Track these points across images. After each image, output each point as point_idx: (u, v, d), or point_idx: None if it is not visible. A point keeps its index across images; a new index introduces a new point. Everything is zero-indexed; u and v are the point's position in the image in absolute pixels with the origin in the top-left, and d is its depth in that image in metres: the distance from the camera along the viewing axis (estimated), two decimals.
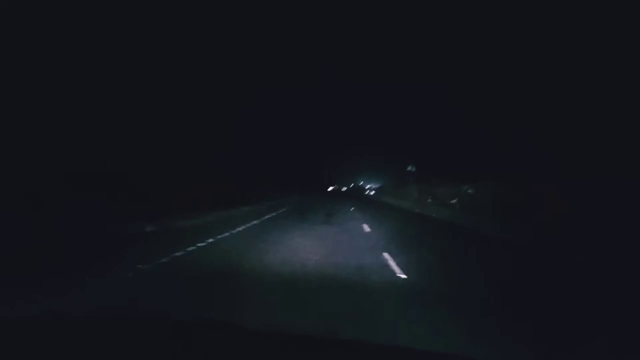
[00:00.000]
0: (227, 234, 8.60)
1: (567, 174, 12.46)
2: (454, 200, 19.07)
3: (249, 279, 4.59)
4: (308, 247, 6.87)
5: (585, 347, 2.84)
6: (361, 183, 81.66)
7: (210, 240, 7.56)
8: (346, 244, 7.51)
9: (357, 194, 59.81)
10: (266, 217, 13.74)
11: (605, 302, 4.10)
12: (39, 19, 10.53)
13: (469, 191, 18.13)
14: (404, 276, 4.84)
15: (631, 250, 6.25)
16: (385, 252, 6.56)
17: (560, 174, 12.99)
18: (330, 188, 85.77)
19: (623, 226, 7.71)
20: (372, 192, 61.68)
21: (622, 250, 6.44)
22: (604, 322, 3.45)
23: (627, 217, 8.09)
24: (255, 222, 11.67)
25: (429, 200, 22.53)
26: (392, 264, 5.57)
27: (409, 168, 30.03)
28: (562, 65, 15.26)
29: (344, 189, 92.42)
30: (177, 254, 5.95)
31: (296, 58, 58.31)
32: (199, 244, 6.89)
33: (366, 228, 10.69)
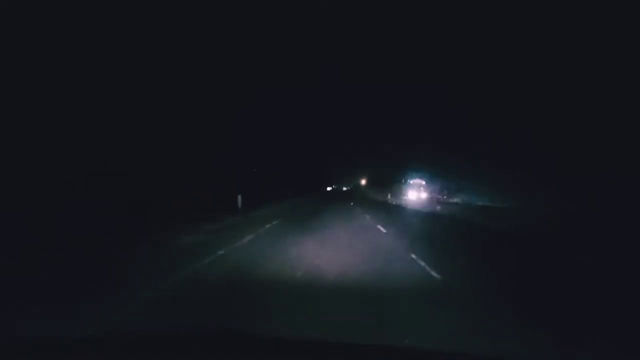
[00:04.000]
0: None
1: (567, 174, 12.47)
2: None
3: None
4: None
5: (584, 346, 2.84)
6: (363, 182, 73.89)
7: None
8: None
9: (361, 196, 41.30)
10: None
11: (600, 300, 4.09)
12: (36, 19, 10.52)
13: None
14: None
15: (630, 247, 6.25)
16: None
17: (560, 174, 12.99)
18: (329, 188, 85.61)
19: (623, 225, 7.72)
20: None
21: (621, 248, 6.44)
22: (600, 320, 3.45)
23: (627, 215, 8.09)
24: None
25: None
26: None
27: None
28: (562, 65, 15.26)
29: (345, 188, 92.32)
30: None
31: (296, 58, 58.36)
32: None
33: None
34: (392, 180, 40.83)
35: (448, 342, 2.85)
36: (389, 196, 36.71)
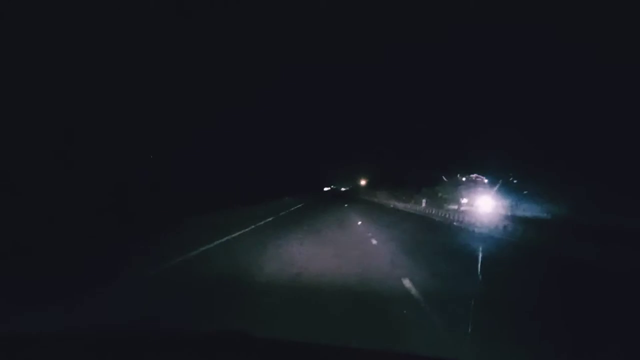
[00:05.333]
0: None
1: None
2: None
3: None
4: None
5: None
6: (363, 183, 70.33)
7: None
8: None
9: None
10: None
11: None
12: (36, 19, 10.48)
13: None
14: None
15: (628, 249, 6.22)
16: None
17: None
18: (326, 188, 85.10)
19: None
20: None
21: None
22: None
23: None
24: None
25: None
26: None
27: None
28: (562, 66, 15.22)
29: (343, 189, 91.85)
30: None
31: (296, 58, 58.51)
32: None
33: None
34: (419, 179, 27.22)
35: None
36: (422, 204, 20.04)
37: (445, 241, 9.40)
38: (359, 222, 12.53)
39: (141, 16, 14.73)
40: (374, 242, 7.86)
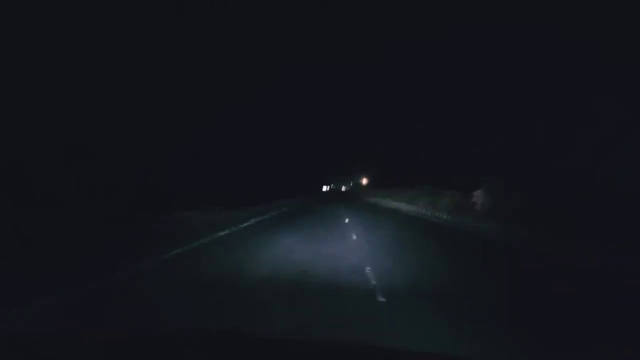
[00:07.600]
0: None
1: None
2: None
3: None
4: None
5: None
6: (364, 182, 66.56)
7: None
8: None
9: None
10: None
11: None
12: (34, 18, 10.46)
13: None
14: None
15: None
16: None
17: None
18: (326, 188, 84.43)
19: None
20: None
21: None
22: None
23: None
24: None
25: None
26: None
27: None
28: (565, 65, 15.19)
29: (344, 188, 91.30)
30: None
31: (296, 58, 58.41)
32: None
33: None
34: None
35: None
36: None
37: None
38: None
39: (141, 16, 14.71)
40: None
